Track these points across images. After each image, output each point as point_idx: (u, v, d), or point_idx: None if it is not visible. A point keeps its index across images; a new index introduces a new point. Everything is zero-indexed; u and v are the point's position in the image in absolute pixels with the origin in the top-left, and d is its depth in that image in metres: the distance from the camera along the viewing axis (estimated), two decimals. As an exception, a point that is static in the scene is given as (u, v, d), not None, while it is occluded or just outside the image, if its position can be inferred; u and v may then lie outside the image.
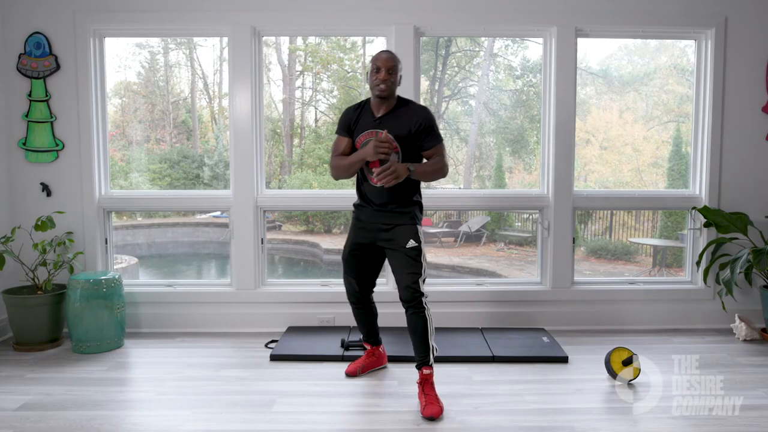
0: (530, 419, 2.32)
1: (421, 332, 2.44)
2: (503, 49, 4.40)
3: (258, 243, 3.55)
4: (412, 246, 2.47)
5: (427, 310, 2.45)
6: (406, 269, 2.46)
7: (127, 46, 4.01)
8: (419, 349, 2.45)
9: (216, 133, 4.67)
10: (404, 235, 2.49)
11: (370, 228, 2.59)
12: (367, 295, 2.75)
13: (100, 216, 3.53)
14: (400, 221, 2.52)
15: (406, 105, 2.52)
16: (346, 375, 2.80)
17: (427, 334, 2.44)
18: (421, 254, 2.48)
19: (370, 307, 2.79)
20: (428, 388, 2.41)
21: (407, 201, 2.54)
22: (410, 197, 2.54)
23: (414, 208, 2.55)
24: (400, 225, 2.51)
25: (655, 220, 4.82)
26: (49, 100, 3.40)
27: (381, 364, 2.90)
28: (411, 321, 2.45)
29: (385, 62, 2.44)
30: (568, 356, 3.02)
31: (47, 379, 2.75)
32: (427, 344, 2.44)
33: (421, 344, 2.45)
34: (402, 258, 2.48)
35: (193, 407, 2.42)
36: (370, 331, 2.83)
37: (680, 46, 3.96)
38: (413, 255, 2.46)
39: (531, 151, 4.38)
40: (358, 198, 2.63)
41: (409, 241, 2.48)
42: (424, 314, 2.44)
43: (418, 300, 2.43)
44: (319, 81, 4.84)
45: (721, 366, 2.92)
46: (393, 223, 2.52)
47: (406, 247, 2.47)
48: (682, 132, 3.98)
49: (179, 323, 3.53)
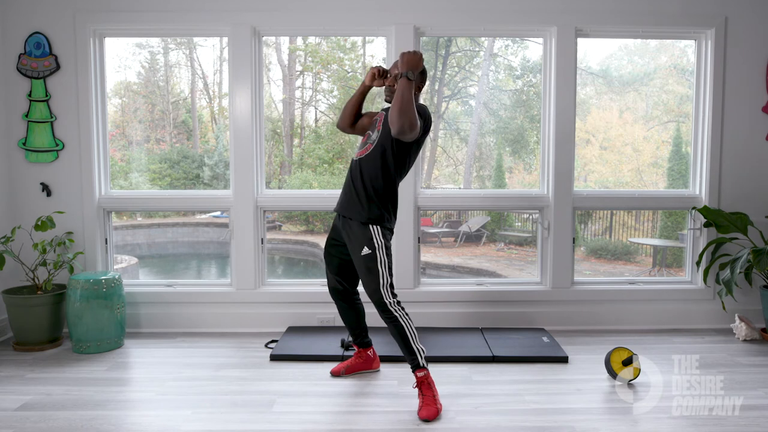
0: (530, 419, 2.32)
1: (400, 337, 2.39)
2: (503, 49, 4.39)
3: (258, 243, 3.55)
4: (366, 254, 2.40)
5: (399, 316, 2.38)
6: (363, 278, 2.43)
7: (127, 46, 4.01)
8: (405, 354, 2.42)
9: (216, 133, 4.67)
10: (358, 240, 2.42)
11: (337, 227, 2.59)
12: (348, 291, 2.71)
13: (100, 216, 3.53)
14: (354, 224, 2.44)
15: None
16: (331, 375, 2.78)
17: (407, 339, 2.38)
18: (376, 261, 2.38)
19: (353, 304, 2.75)
20: (425, 389, 2.38)
21: (367, 200, 2.41)
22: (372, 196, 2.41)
23: (372, 209, 2.41)
24: (355, 229, 2.44)
25: (655, 220, 4.82)
26: (49, 100, 3.40)
27: (370, 368, 2.84)
28: (388, 328, 2.43)
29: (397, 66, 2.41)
30: (568, 356, 3.02)
31: (47, 379, 2.75)
32: (410, 348, 2.39)
33: (404, 349, 2.41)
34: (358, 265, 2.44)
35: (193, 407, 2.42)
36: (354, 330, 2.78)
37: (680, 46, 3.96)
38: (367, 263, 2.40)
39: (531, 151, 4.38)
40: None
41: (363, 248, 2.40)
42: (397, 321, 2.38)
43: (384, 307, 2.39)
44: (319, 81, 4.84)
45: (721, 366, 2.92)
46: (348, 226, 2.47)
47: (360, 254, 2.42)
48: (682, 132, 3.98)
49: (179, 323, 3.53)
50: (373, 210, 2.42)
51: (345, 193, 2.53)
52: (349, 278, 2.68)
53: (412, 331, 2.40)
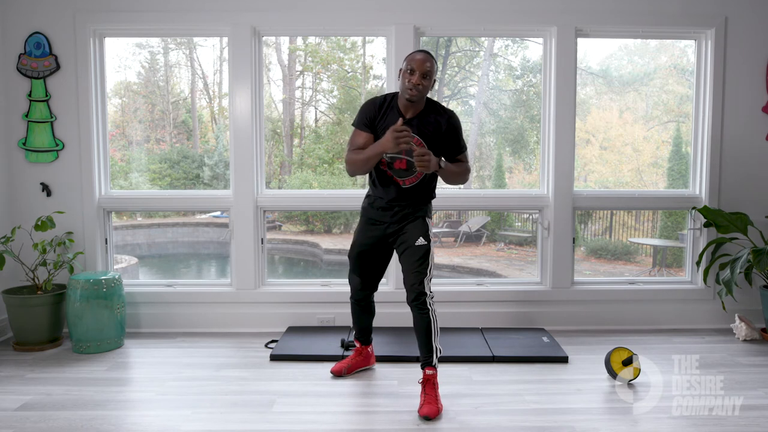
0: (530, 419, 2.32)
1: (424, 332, 2.42)
2: (503, 49, 4.39)
3: (258, 243, 3.55)
4: (421, 244, 2.45)
5: (431, 311, 2.42)
6: (413, 268, 2.44)
7: (127, 46, 4.01)
8: (423, 349, 2.44)
9: (216, 133, 4.67)
10: (414, 232, 2.47)
11: (380, 224, 2.56)
12: (369, 294, 2.75)
13: (100, 216, 3.53)
14: (411, 219, 2.50)
15: (435, 109, 2.45)
16: (332, 374, 2.78)
17: (431, 335, 2.41)
18: (429, 253, 2.45)
19: (369, 306, 2.79)
20: (429, 388, 2.40)
21: (422, 199, 2.53)
22: (426, 196, 2.54)
23: (427, 206, 2.55)
24: (411, 222, 2.50)
25: (655, 220, 4.82)
26: (49, 100, 3.40)
27: (368, 364, 2.88)
28: (415, 320, 2.44)
29: (420, 65, 2.27)
30: (568, 356, 3.02)
31: (47, 379, 2.75)
32: (430, 345, 2.41)
33: (424, 344, 2.43)
34: (409, 256, 2.46)
35: (193, 407, 2.42)
36: (364, 330, 2.82)
37: (680, 46, 3.96)
38: (420, 254, 2.44)
39: (531, 151, 4.38)
40: (371, 193, 2.58)
41: (418, 239, 2.45)
42: (427, 315, 2.41)
43: (422, 300, 2.41)
44: (319, 81, 4.84)
45: (721, 366, 2.92)
46: (404, 220, 2.51)
47: (415, 245, 2.45)
48: (682, 132, 3.98)
49: (179, 323, 3.53)
50: (429, 205, 2.57)
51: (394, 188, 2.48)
52: (376, 279, 2.71)
53: (437, 329, 2.44)
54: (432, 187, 2.57)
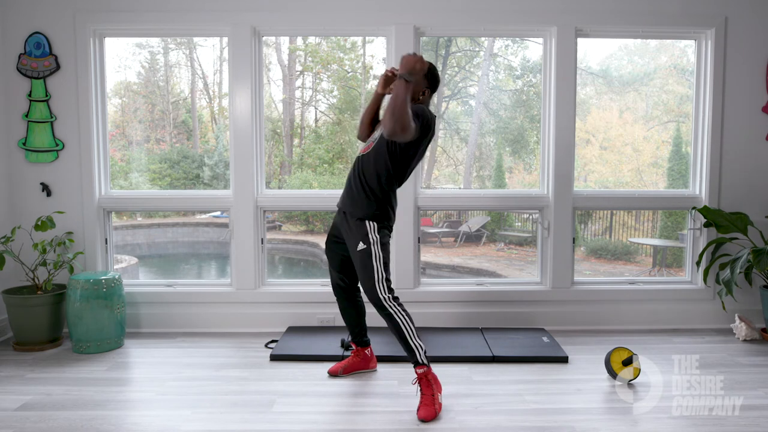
0: (530, 419, 2.32)
1: (396, 333, 2.39)
2: (503, 49, 4.39)
3: (258, 243, 3.55)
4: (361, 249, 2.41)
5: (395, 312, 2.38)
6: (360, 273, 2.44)
7: (127, 46, 4.01)
8: (404, 350, 2.41)
9: (216, 133, 4.67)
10: (354, 236, 2.44)
11: (337, 223, 2.60)
12: (351, 288, 2.73)
13: (100, 216, 3.53)
14: (352, 220, 2.47)
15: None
16: (329, 374, 2.78)
17: (404, 335, 2.37)
18: (371, 256, 2.39)
19: (355, 302, 2.76)
20: (424, 386, 2.37)
21: (365, 197, 2.43)
22: (370, 195, 2.43)
23: (370, 206, 2.43)
24: (352, 225, 2.46)
25: (655, 220, 4.82)
26: (49, 100, 3.40)
27: (367, 367, 2.85)
28: (386, 323, 2.43)
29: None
30: (568, 356, 3.02)
31: (47, 379, 2.75)
32: (408, 344, 2.38)
33: (402, 345, 2.40)
34: (355, 261, 2.46)
35: (193, 407, 2.42)
36: (354, 328, 2.80)
37: (680, 46, 3.96)
38: (362, 258, 2.41)
39: (531, 151, 4.38)
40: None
41: (359, 244, 2.42)
42: (392, 316, 2.38)
43: (379, 302, 2.38)
44: (319, 81, 4.84)
45: (721, 366, 2.92)
46: (347, 222, 2.49)
47: (357, 250, 2.43)
48: (682, 132, 3.98)
49: (179, 323, 3.53)
50: (370, 207, 2.44)
51: (346, 189, 2.56)
52: (351, 275, 2.69)
53: (409, 328, 2.39)
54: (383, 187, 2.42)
